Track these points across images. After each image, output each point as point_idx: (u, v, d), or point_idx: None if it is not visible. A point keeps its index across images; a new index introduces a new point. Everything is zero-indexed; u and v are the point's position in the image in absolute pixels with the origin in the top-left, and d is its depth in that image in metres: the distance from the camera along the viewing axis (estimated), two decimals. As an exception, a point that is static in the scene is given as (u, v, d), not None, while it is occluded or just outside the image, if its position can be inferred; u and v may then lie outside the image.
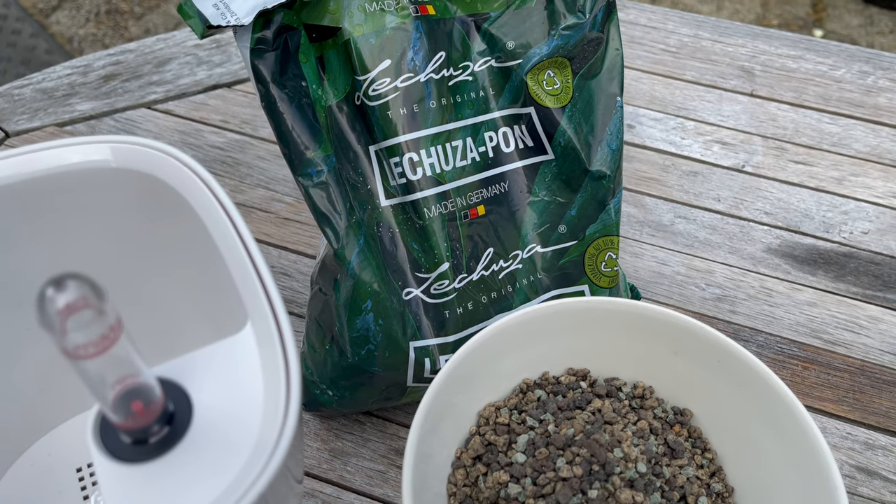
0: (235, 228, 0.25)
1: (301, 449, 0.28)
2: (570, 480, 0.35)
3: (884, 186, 0.61)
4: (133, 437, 0.21)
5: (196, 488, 0.21)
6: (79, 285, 0.17)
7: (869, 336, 0.52)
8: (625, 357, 0.42)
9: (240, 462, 0.21)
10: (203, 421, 0.22)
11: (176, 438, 0.22)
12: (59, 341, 0.17)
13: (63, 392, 0.36)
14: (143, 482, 0.21)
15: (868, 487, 0.45)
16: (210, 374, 0.23)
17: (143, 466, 0.21)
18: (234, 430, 0.22)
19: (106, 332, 0.18)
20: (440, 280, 0.41)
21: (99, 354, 0.18)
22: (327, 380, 0.42)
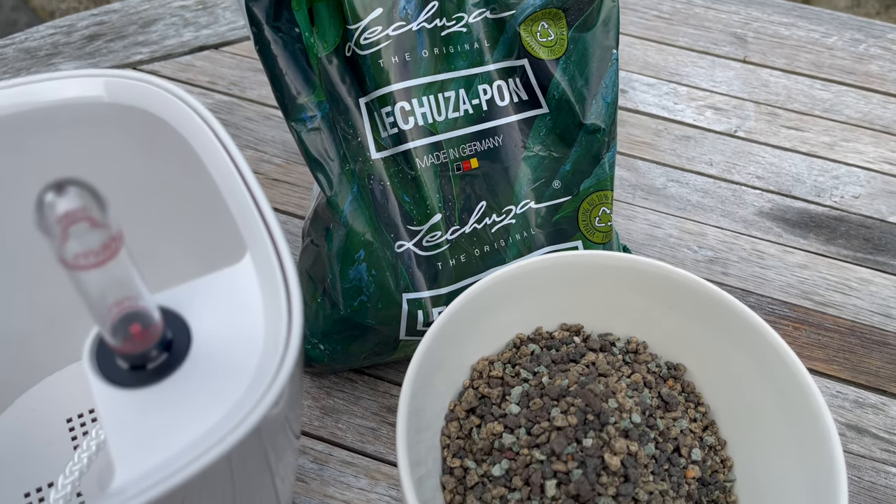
0: (233, 161, 0.25)
1: (300, 393, 0.27)
2: (564, 429, 0.35)
3: (874, 152, 0.61)
4: (130, 363, 0.21)
5: (195, 413, 0.20)
6: (80, 191, 0.16)
7: (859, 297, 0.52)
8: (619, 312, 0.41)
9: (240, 389, 0.21)
10: (202, 348, 0.22)
11: (174, 365, 0.21)
12: (58, 250, 0.17)
13: (50, 344, 0.36)
14: (140, 407, 0.20)
15: (858, 444, 0.45)
16: (209, 302, 0.22)
17: (140, 392, 0.21)
18: (234, 358, 0.21)
19: (107, 241, 0.17)
20: (432, 232, 0.40)
21: (99, 266, 0.17)
22: (319, 334, 0.41)
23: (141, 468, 0.20)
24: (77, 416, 0.36)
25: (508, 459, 0.35)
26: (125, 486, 0.19)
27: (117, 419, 0.20)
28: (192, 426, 0.20)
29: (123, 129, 0.27)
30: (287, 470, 0.34)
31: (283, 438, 0.30)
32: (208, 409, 0.21)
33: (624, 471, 0.34)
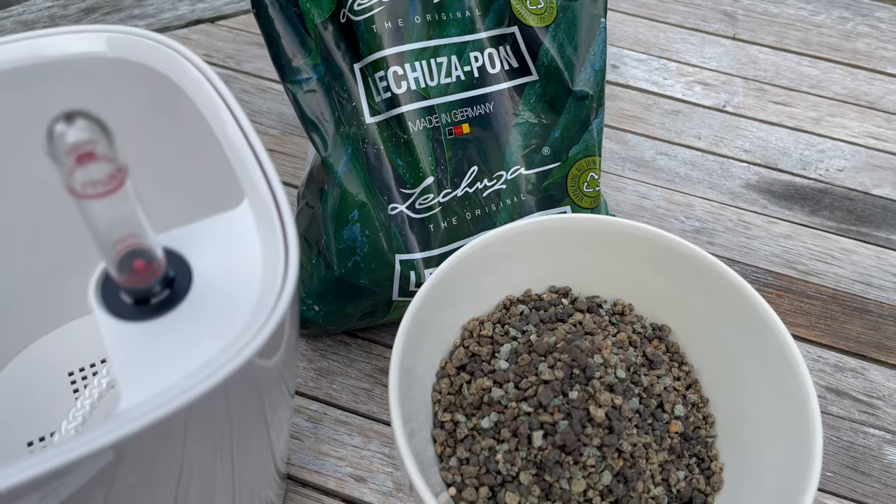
0: (231, 112, 0.26)
1: (295, 341, 0.28)
2: (551, 383, 0.36)
3: (860, 127, 0.62)
4: (134, 298, 0.22)
5: (196, 345, 0.21)
6: (88, 123, 0.17)
7: (841, 267, 0.53)
8: (606, 275, 0.43)
9: (239, 322, 0.22)
10: (203, 286, 0.23)
11: (176, 301, 0.22)
12: (67, 179, 0.18)
13: (53, 300, 0.37)
14: (143, 339, 0.21)
15: (838, 406, 0.47)
16: (209, 244, 0.23)
17: (144, 324, 0.22)
18: (233, 295, 0.22)
19: (113, 172, 0.18)
20: (425, 194, 0.41)
21: (105, 196, 0.18)
22: (314, 294, 0.42)
23: (145, 393, 0.21)
24: (78, 370, 0.37)
25: (497, 412, 0.36)
26: (130, 409, 0.20)
27: (122, 349, 0.21)
28: (193, 356, 0.21)
29: (125, 83, 0.28)
30: (282, 425, 0.35)
31: (278, 391, 0.31)
32: (208, 341, 0.22)
33: (608, 423, 0.35)
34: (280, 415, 0.34)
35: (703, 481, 0.37)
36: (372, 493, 0.41)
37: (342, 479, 0.42)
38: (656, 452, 0.36)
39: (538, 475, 0.35)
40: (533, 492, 0.34)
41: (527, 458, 0.35)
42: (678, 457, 0.37)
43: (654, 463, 0.36)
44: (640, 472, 0.35)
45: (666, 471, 0.36)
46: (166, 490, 0.31)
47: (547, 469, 0.34)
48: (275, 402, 0.32)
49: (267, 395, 0.30)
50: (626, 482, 0.35)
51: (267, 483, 0.37)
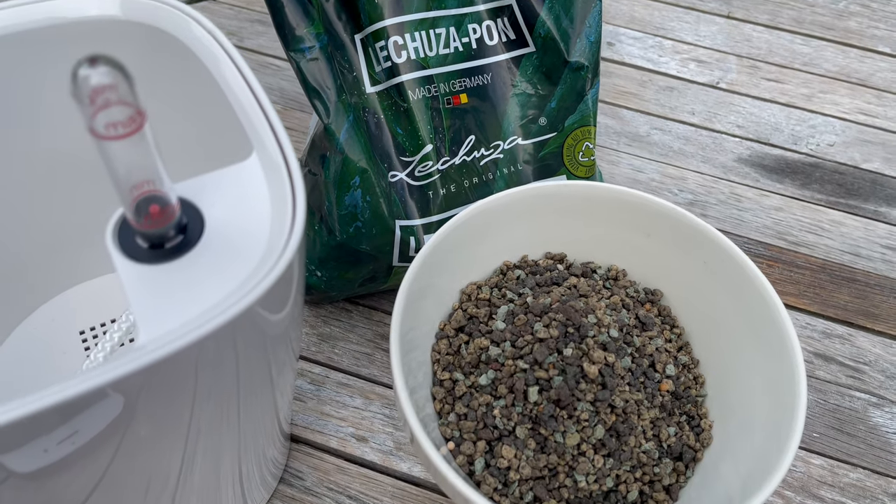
0: (239, 70, 0.27)
1: (301, 297, 0.29)
2: (546, 341, 0.37)
3: (850, 103, 0.64)
4: (150, 242, 0.23)
5: (209, 286, 0.23)
6: (110, 66, 0.18)
7: (831, 238, 0.55)
8: (600, 241, 0.44)
9: (249, 266, 0.23)
10: (214, 233, 0.24)
11: (189, 246, 0.23)
12: (90, 120, 0.19)
13: (65, 261, 0.38)
14: (159, 280, 0.23)
15: (825, 371, 0.48)
16: (220, 194, 0.24)
17: (159, 266, 0.23)
18: (243, 241, 0.24)
19: (133, 114, 0.19)
20: (424, 162, 0.42)
21: (126, 137, 0.19)
22: (316, 261, 0.44)
23: (161, 329, 0.22)
24: (90, 329, 0.38)
25: (494, 370, 0.38)
26: (147, 343, 0.21)
27: (138, 290, 0.22)
28: (205, 296, 0.23)
29: (136, 44, 0.29)
30: (286, 386, 0.36)
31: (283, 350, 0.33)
32: (220, 283, 0.23)
33: (601, 379, 0.36)
34: (285, 375, 0.35)
35: (693, 437, 0.38)
36: (373, 452, 0.43)
37: (344, 439, 0.43)
38: (648, 409, 0.38)
39: (534, 429, 0.36)
40: (529, 445, 0.36)
41: (523, 412, 0.36)
42: (669, 414, 0.39)
43: (646, 419, 0.37)
44: (632, 427, 0.37)
45: (657, 427, 0.38)
46: (175, 447, 0.32)
47: (542, 423, 0.36)
48: (280, 361, 0.34)
49: (273, 351, 0.32)
50: (619, 436, 0.36)
51: (271, 442, 0.38)
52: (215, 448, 0.34)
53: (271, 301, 0.24)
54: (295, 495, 0.41)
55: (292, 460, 0.42)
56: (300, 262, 0.25)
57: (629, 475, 0.36)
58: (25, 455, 0.25)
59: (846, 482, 0.43)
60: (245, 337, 0.26)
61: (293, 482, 0.41)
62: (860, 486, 0.43)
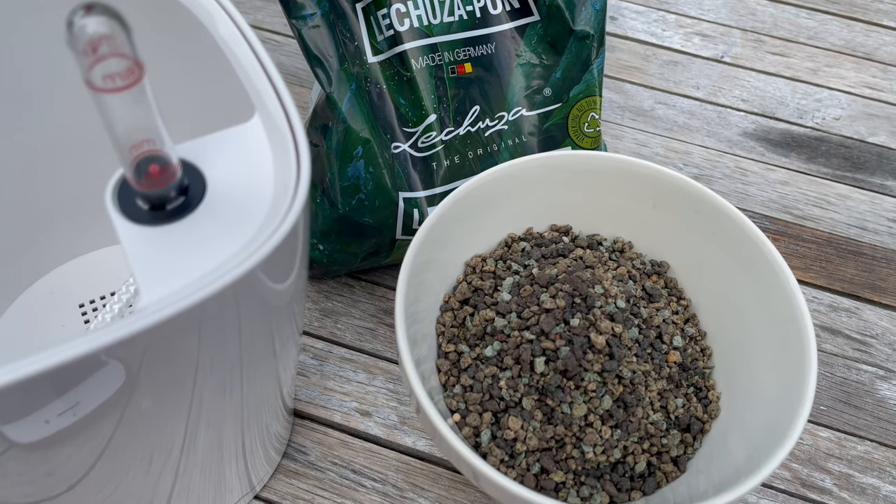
0: (240, 31, 0.26)
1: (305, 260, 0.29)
2: (553, 311, 0.37)
3: (856, 77, 0.63)
4: (150, 203, 0.22)
5: (212, 247, 0.22)
6: (107, 15, 0.18)
7: (837, 212, 0.54)
8: (606, 213, 0.43)
9: (253, 227, 0.22)
10: (216, 194, 0.23)
11: (191, 207, 0.23)
12: (86, 72, 0.18)
13: (63, 234, 0.37)
14: (160, 242, 0.22)
15: (831, 344, 0.48)
16: (222, 155, 0.24)
17: (160, 228, 0.22)
18: (246, 203, 0.23)
19: (132, 66, 0.18)
20: (427, 132, 0.42)
21: (123, 90, 0.19)
22: (318, 234, 0.43)
23: (163, 291, 0.21)
24: (89, 302, 0.37)
25: (500, 341, 0.37)
26: (149, 305, 0.21)
27: (139, 251, 0.22)
28: (208, 258, 0.22)
29: (135, 7, 0.28)
30: (289, 360, 0.36)
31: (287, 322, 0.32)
32: (223, 245, 0.22)
33: (609, 350, 0.36)
34: (288, 349, 0.35)
35: (701, 409, 0.38)
36: (377, 427, 0.42)
37: (348, 414, 0.43)
38: (655, 380, 0.37)
39: (540, 400, 0.36)
40: (535, 416, 0.35)
41: (529, 383, 0.36)
42: (676, 386, 0.38)
43: (653, 390, 0.37)
44: (640, 398, 0.36)
45: (664, 398, 0.37)
46: (178, 420, 0.32)
47: (549, 394, 0.35)
48: (284, 333, 0.33)
49: (276, 322, 0.31)
50: (626, 407, 0.36)
51: (274, 416, 0.38)
52: (218, 421, 0.34)
53: (275, 265, 0.23)
54: (299, 470, 0.41)
55: (296, 435, 0.42)
56: (305, 225, 0.25)
57: (637, 446, 0.36)
58: (27, 425, 0.25)
59: (853, 455, 0.43)
60: (248, 303, 0.25)
61: (297, 457, 0.41)
62: (868, 458, 0.43)
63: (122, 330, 0.20)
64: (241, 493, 0.39)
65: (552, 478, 0.35)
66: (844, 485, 0.42)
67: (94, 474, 0.31)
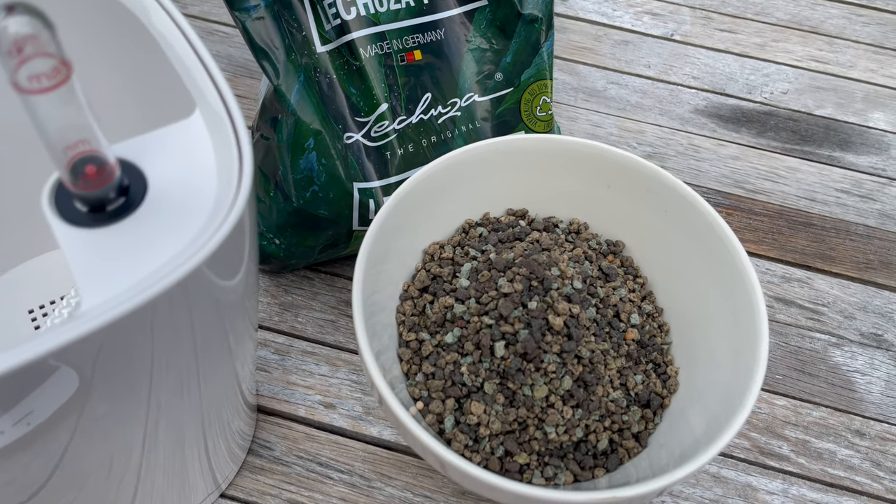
0: (178, 27, 0.25)
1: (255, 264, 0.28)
2: (511, 295, 0.37)
3: (802, 51, 0.64)
4: (89, 205, 0.22)
5: (155, 248, 0.22)
6: (30, 15, 0.17)
7: (787, 184, 0.55)
8: (561, 195, 0.44)
9: (197, 225, 0.22)
10: (158, 193, 0.23)
11: (131, 208, 0.22)
12: (12, 74, 0.18)
13: (10, 238, 0.36)
14: (101, 244, 0.21)
15: (785, 315, 0.49)
16: (162, 153, 0.23)
17: (100, 230, 0.22)
18: (189, 201, 0.23)
19: (58, 65, 0.18)
20: (379, 122, 0.41)
21: (52, 90, 0.18)
22: (274, 228, 0.43)
23: (105, 295, 0.21)
24: (38, 307, 0.36)
25: (460, 328, 0.37)
26: (90, 309, 0.20)
27: (79, 255, 0.21)
28: (151, 259, 0.22)
29: (66, 5, 0.28)
30: (246, 356, 0.35)
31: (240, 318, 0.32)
32: (166, 245, 0.22)
33: (567, 331, 0.36)
34: (244, 345, 0.34)
35: (660, 384, 0.39)
36: (342, 418, 0.42)
37: (312, 407, 0.43)
38: (614, 359, 0.38)
39: (502, 384, 0.36)
40: (497, 400, 0.36)
41: (490, 368, 0.36)
42: (635, 363, 0.39)
43: (613, 368, 0.37)
44: (600, 377, 0.37)
45: (624, 376, 0.38)
46: (136, 423, 0.31)
47: (510, 377, 0.36)
48: (238, 330, 0.33)
49: (230, 320, 0.31)
50: (587, 386, 0.36)
51: (235, 414, 0.37)
52: (177, 422, 0.33)
53: (222, 261, 0.23)
54: (265, 465, 0.40)
55: (260, 431, 0.42)
56: (251, 219, 0.25)
57: (598, 424, 0.37)
58: (-20, 437, 0.24)
59: (809, 421, 0.44)
60: (198, 301, 0.25)
61: (262, 453, 0.41)
62: (823, 423, 0.44)
63: (57, 338, 0.20)
64: (207, 493, 0.39)
65: (516, 460, 0.35)
66: (801, 450, 0.43)
67: (55, 481, 0.31)
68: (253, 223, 0.25)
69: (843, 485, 0.42)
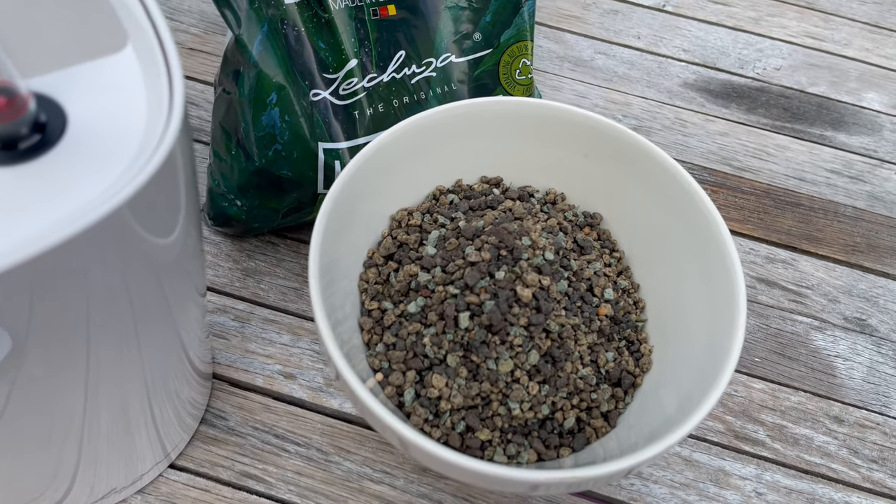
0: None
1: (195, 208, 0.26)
2: (478, 265, 0.35)
3: (798, 26, 0.62)
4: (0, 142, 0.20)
5: (72, 190, 0.20)
6: None
7: (776, 163, 0.53)
8: (537, 164, 0.42)
9: (119, 166, 0.20)
10: (78, 132, 0.21)
11: (48, 145, 0.20)
12: None
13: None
14: (11, 184, 0.19)
15: (767, 296, 0.47)
16: (87, 89, 0.21)
17: (12, 169, 0.20)
18: (113, 140, 0.21)
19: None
20: (348, 79, 0.39)
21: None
22: (235, 189, 0.41)
23: (12, 240, 0.19)
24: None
25: (424, 297, 0.36)
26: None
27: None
28: (66, 201, 0.20)
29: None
30: (191, 322, 0.33)
31: (180, 279, 0.30)
32: (84, 186, 0.20)
33: (536, 303, 0.34)
34: (188, 311, 0.33)
35: (633, 363, 0.37)
36: (301, 389, 0.41)
37: (270, 377, 0.41)
38: (585, 334, 0.36)
39: (465, 356, 0.34)
40: (460, 373, 0.34)
41: (454, 340, 0.34)
42: (608, 339, 0.37)
43: (583, 344, 0.36)
44: (569, 352, 0.35)
45: (595, 352, 0.36)
46: (75, 388, 0.29)
47: (474, 350, 0.34)
48: (179, 295, 0.31)
49: (169, 284, 0.29)
50: (554, 362, 0.35)
51: (184, 381, 0.36)
52: (120, 390, 0.32)
53: (149, 210, 0.21)
54: (217, 436, 0.39)
55: (215, 400, 0.40)
56: (186, 168, 0.23)
57: (566, 402, 0.35)
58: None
59: (787, 405, 0.43)
60: (127, 257, 0.23)
61: (215, 422, 0.39)
62: (801, 408, 0.43)
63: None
64: (155, 461, 0.37)
65: (478, 436, 0.34)
66: (777, 436, 0.42)
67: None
68: (190, 173, 0.23)
69: (818, 472, 0.41)
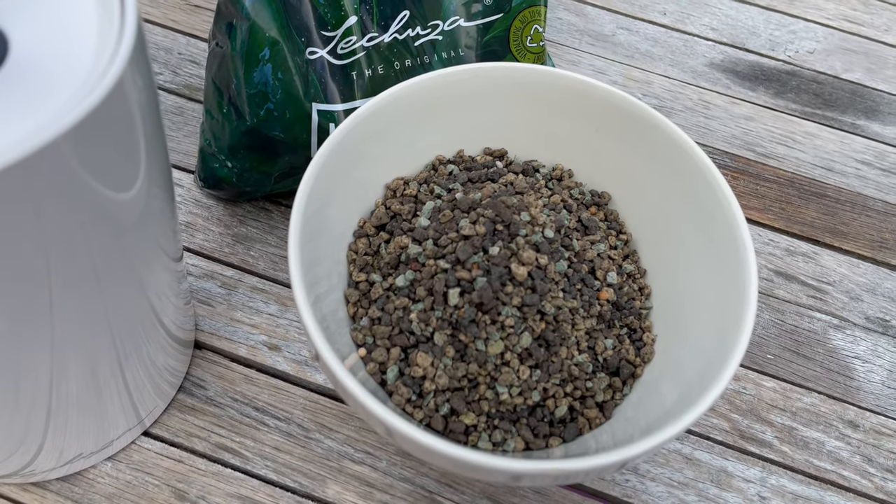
0: None
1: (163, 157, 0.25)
2: (471, 238, 0.33)
3: (835, 9, 0.58)
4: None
5: (11, 120, 0.18)
6: None
7: (803, 151, 0.50)
8: (545, 136, 0.39)
9: (61, 98, 0.18)
10: (21, 60, 0.19)
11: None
12: None
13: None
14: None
15: (785, 290, 0.44)
16: (32, 15, 0.19)
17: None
18: (58, 71, 0.19)
19: None
20: (347, 37, 0.37)
21: None
22: (226, 149, 0.39)
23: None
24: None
25: (413, 270, 0.34)
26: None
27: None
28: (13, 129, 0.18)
29: None
30: (162, 286, 0.32)
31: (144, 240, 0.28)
32: (31, 112, 0.18)
33: (531, 283, 0.32)
34: (157, 276, 0.31)
35: (633, 352, 0.35)
36: (286, 362, 0.39)
37: (254, 347, 0.39)
38: (584, 319, 0.34)
39: (453, 335, 0.32)
40: (447, 353, 0.32)
41: (442, 317, 0.32)
42: (608, 326, 0.35)
43: (581, 329, 0.34)
44: (564, 337, 0.33)
45: (593, 339, 0.34)
46: (39, 346, 0.28)
47: (462, 329, 0.32)
48: (147, 259, 0.29)
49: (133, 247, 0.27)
50: (548, 346, 0.33)
51: (160, 348, 0.34)
52: (88, 354, 0.30)
53: (94, 151, 0.19)
54: (195, 405, 0.37)
55: (195, 368, 0.38)
56: (143, 110, 0.21)
57: (558, 389, 0.33)
58: None
59: (798, 406, 0.40)
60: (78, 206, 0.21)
61: (194, 391, 0.38)
62: (813, 410, 0.40)
63: None
64: (128, 427, 0.35)
65: (462, 420, 0.32)
66: (786, 438, 0.39)
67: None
68: (153, 122, 0.21)
69: (828, 478, 0.38)
